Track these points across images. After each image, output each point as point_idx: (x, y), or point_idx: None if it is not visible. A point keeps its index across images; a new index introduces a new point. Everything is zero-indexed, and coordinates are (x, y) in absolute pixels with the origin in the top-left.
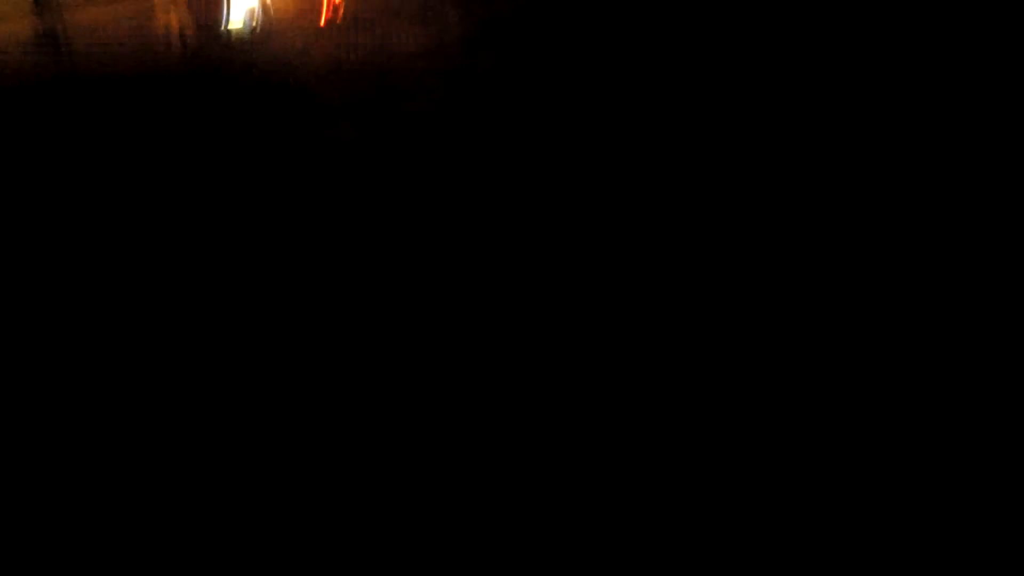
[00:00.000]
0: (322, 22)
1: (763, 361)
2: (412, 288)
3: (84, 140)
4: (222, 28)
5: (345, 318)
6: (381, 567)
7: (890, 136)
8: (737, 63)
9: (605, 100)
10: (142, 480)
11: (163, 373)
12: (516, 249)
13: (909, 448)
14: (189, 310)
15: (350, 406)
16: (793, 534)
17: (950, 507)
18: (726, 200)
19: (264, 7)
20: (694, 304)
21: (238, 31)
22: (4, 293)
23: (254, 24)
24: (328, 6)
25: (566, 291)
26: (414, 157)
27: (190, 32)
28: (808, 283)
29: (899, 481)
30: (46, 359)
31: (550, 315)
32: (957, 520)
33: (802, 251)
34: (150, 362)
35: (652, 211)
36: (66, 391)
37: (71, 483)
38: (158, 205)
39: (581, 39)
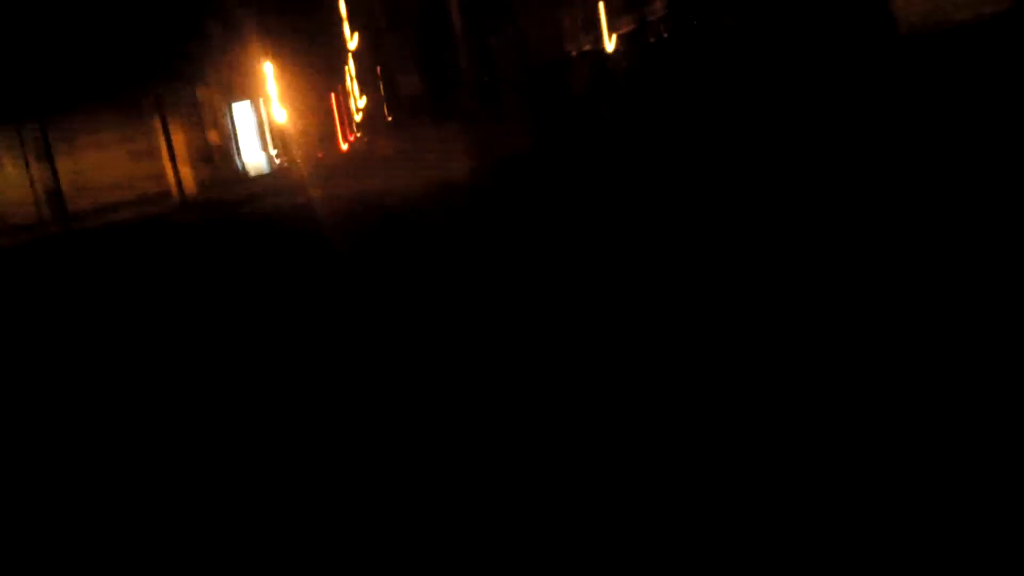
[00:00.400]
0: (344, 147)
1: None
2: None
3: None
4: (239, 169)
5: None
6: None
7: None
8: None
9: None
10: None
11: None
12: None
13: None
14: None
15: None
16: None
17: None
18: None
19: (284, 142)
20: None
21: (256, 168)
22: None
23: (276, 160)
24: (345, 134)
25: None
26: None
27: (201, 178)
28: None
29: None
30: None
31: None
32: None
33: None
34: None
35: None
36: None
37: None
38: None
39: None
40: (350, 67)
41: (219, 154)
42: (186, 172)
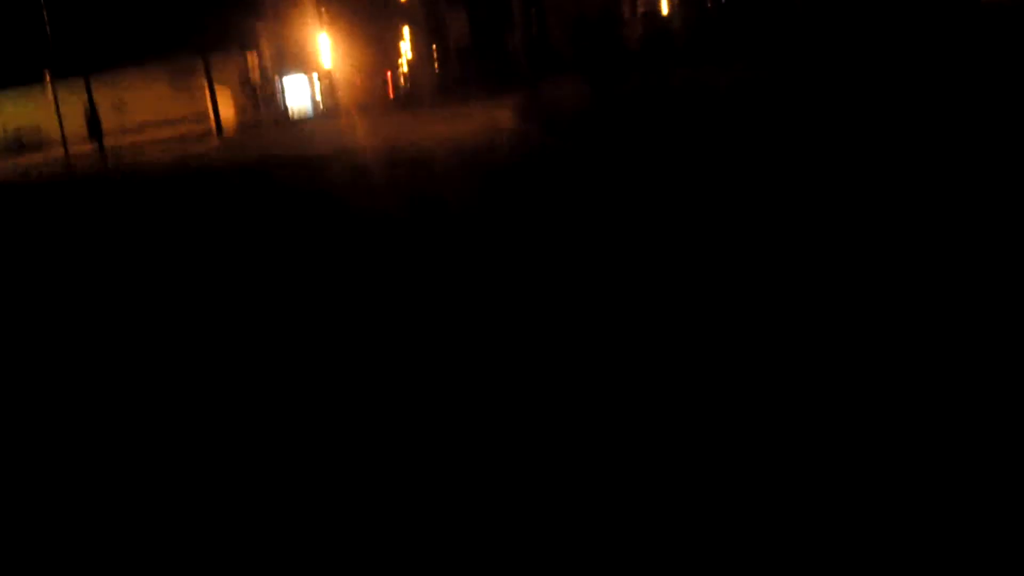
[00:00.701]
0: (391, 93)
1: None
2: None
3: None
4: (283, 111)
5: None
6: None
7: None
8: None
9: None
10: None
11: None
12: None
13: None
14: None
15: None
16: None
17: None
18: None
19: (330, 89)
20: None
21: (301, 112)
22: None
23: (320, 105)
24: (393, 79)
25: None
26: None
27: (243, 119)
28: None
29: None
30: None
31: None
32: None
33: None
34: None
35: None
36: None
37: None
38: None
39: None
40: (400, 17)
41: (263, 94)
42: (228, 112)
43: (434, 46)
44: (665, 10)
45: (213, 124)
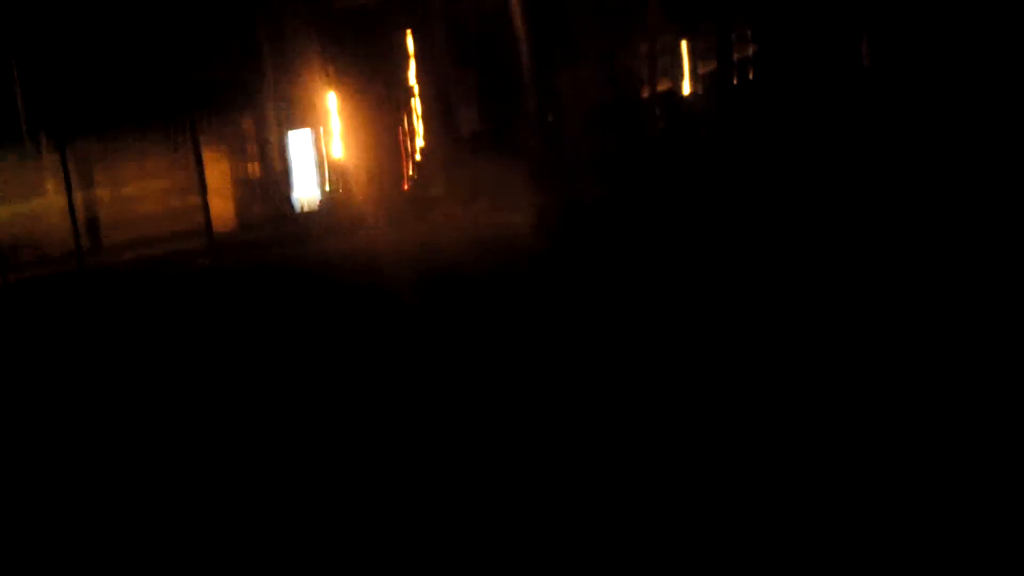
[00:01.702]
0: (405, 186)
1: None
2: None
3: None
4: (287, 204)
5: None
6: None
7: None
8: None
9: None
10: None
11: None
12: None
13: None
14: None
15: None
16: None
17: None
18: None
19: (341, 179)
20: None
21: (309, 204)
22: None
23: (328, 193)
24: (406, 172)
25: None
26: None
27: (242, 213)
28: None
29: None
30: None
31: None
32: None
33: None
34: None
35: None
36: None
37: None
38: None
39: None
40: (413, 104)
41: (265, 188)
42: (223, 207)
43: (448, 137)
44: (687, 89)
45: (225, 229)
